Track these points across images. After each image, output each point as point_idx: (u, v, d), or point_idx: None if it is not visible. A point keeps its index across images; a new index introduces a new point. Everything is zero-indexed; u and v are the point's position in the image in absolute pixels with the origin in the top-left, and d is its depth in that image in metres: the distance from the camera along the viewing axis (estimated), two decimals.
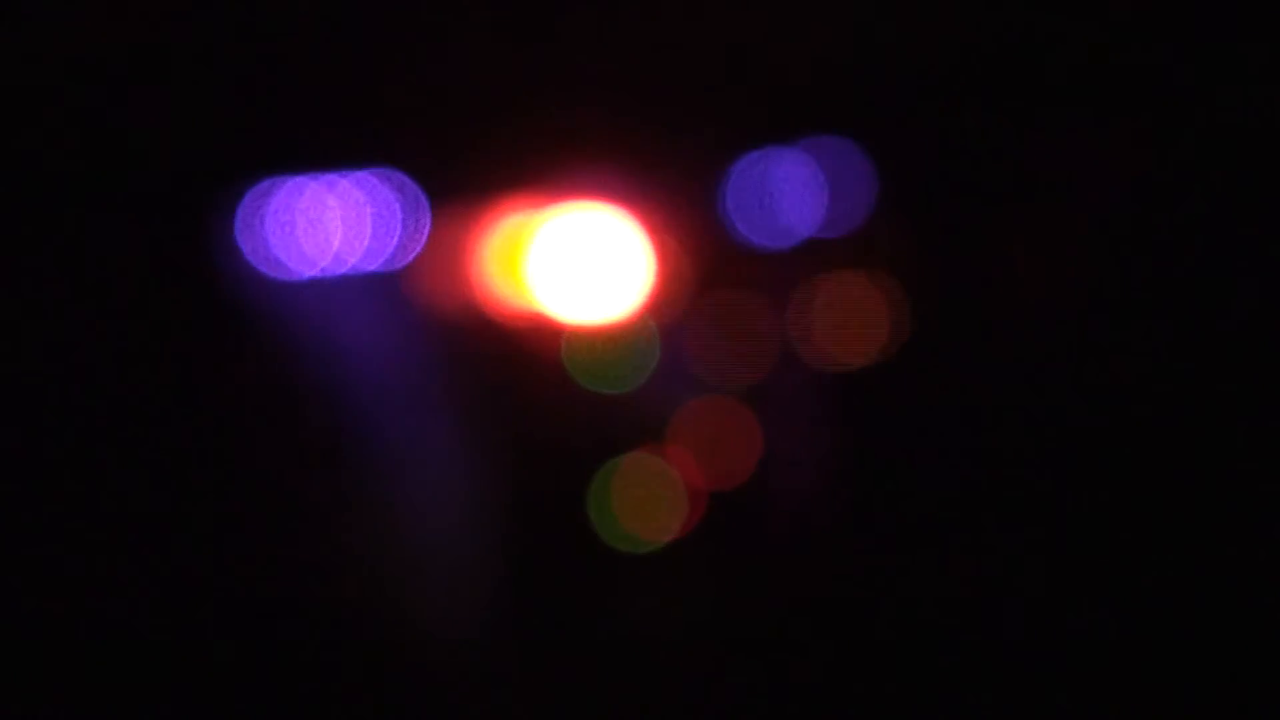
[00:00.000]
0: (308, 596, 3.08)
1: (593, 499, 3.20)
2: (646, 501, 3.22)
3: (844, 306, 3.25)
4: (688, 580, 3.23)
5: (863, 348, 3.24)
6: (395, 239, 3.13)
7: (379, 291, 3.17)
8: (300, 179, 3.09)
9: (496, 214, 3.20)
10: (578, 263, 3.22)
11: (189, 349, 3.03)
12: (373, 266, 3.15)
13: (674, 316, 3.24)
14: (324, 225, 3.12)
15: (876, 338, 3.24)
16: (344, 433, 3.16)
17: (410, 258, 3.14)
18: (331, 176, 3.10)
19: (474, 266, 3.21)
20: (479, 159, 3.09)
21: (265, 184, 3.08)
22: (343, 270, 3.14)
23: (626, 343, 3.23)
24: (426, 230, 3.13)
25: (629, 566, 3.22)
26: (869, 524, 3.26)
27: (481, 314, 3.23)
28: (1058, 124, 3.13)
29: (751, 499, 3.29)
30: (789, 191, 3.22)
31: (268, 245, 3.10)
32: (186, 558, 2.99)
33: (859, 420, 3.30)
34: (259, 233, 3.09)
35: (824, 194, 3.21)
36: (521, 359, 3.24)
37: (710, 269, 3.25)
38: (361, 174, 3.10)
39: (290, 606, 3.05)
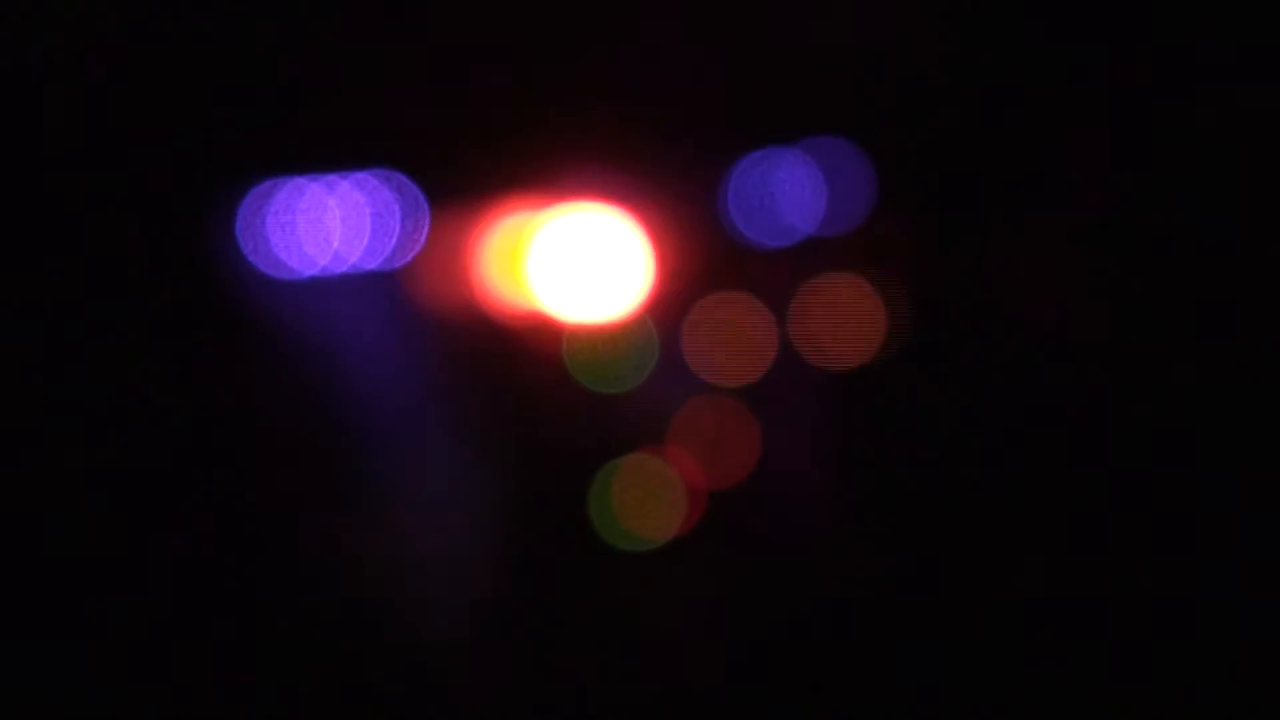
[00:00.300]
0: (306, 595, 3.09)
1: (594, 500, 3.21)
2: (646, 501, 3.24)
3: (843, 306, 3.26)
4: (687, 579, 3.25)
5: (862, 347, 3.25)
6: (395, 239, 3.14)
7: (379, 291, 3.18)
8: (300, 180, 3.11)
9: (497, 214, 3.22)
10: (578, 262, 3.23)
11: (190, 348, 3.04)
12: (372, 266, 3.17)
13: (674, 316, 3.26)
14: (324, 226, 3.14)
15: (875, 337, 3.25)
16: (345, 432, 3.18)
17: (409, 258, 3.15)
18: (331, 178, 3.11)
19: (474, 266, 3.23)
20: (479, 159, 3.11)
21: (266, 185, 3.10)
22: (342, 270, 3.16)
23: (626, 342, 3.24)
24: (426, 231, 3.14)
25: (629, 566, 3.24)
26: (868, 523, 3.27)
27: (482, 314, 3.25)
28: (1055, 124, 3.14)
29: (752, 499, 3.31)
30: (789, 191, 3.23)
31: (268, 245, 3.12)
32: (187, 555, 3.00)
33: (858, 420, 3.31)
34: (260, 233, 3.11)
35: (823, 194, 3.22)
36: (522, 358, 3.26)
37: (710, 269, 3.27)
38: (361, 175, 3.11)
39: (289, 605, 3.06)
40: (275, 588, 3.05)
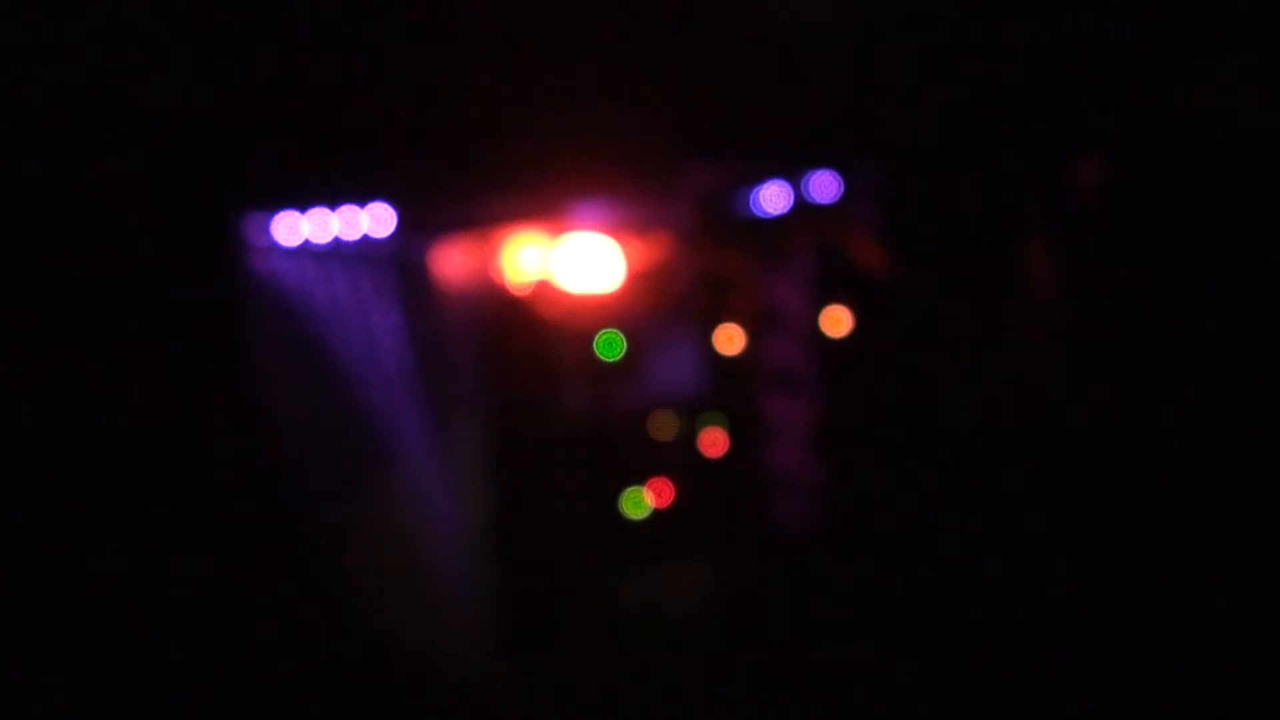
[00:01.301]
0: (320, 573, 3.19)
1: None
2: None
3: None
4: (684, 572, 3.37)
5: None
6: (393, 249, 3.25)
7: (393, 299, 3.28)
8: (305, 210, 3.20)
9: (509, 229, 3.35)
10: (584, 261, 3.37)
11: (205, 349, 3.12)
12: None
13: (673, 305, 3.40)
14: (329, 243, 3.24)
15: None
16: (359, 434, 3.28)
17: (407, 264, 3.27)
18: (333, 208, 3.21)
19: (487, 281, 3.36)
20: (480, 179, 3.19)
21: (274, 211, 3.20)
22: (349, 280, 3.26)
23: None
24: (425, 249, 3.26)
25: (628, 556, 3.39)
26: (865, 519, 3.32)
27: (496, 319, 3.37)
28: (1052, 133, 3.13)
29: (744, 491, 3.42)
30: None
31: (275, 259, 3.22)
32: (207, 536, 3.07)
33: (852, 416, 3.38)
34: (269, 252, 3.21)
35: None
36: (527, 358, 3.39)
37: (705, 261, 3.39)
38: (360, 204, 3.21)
39: (299, 585, 3.16)
40: (289, 566, 3.15)
